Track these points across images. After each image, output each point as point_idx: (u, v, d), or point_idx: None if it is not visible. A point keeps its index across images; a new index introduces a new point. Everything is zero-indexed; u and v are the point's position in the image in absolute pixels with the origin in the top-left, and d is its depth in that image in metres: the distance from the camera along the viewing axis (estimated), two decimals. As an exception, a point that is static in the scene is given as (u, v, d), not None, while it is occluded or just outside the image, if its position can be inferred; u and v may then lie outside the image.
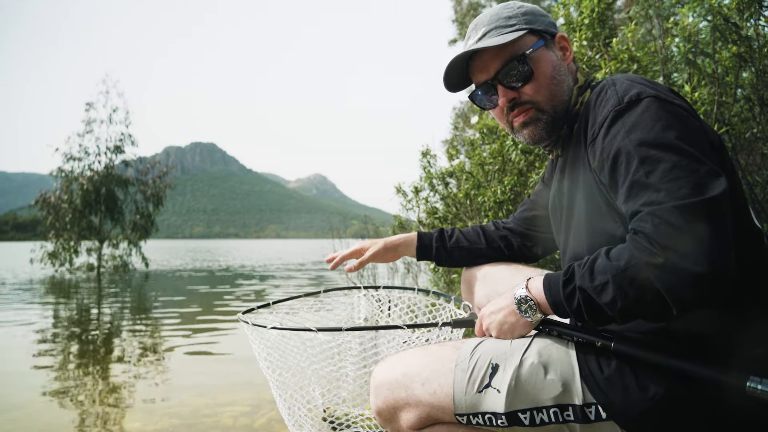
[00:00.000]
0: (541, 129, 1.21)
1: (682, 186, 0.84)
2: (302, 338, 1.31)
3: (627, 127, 0.94)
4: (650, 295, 0.84)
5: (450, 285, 4.21)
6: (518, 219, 1.59)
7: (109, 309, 7.81)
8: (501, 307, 1.11)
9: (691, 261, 0.79)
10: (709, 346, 0.94)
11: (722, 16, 2.11)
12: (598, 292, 0.89)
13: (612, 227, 1.02)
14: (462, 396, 1.06)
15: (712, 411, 0.93)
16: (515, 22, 1.19)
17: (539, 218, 1.52)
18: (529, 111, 1.20)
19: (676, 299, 0.82)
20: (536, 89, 1.18)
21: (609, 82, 1.06)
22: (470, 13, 15.81)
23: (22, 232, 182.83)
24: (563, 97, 1.19)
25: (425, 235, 1.65)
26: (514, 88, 1.19)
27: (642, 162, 0.90)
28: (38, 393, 3.34)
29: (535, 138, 1.23)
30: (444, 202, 4.29)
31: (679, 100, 1.00)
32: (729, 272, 0.81)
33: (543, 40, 1.20)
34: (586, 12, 2.59)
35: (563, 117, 1.20)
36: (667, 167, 0.87)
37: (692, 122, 0.96)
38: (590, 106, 1.06)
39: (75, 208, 17.61)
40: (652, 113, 0.94)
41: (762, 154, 2.25)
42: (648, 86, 0.99)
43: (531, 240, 1.57)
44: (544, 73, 1.18)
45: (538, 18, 1.22)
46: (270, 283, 11.56)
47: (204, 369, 3.97)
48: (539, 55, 1.18)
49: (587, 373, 0.99)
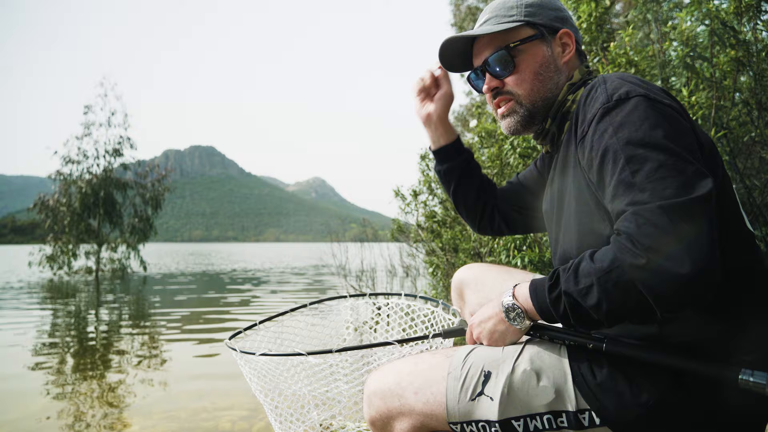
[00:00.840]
0: (516, 122, 1.22)
1: (667, 186, 0.84)
2: (293, 362, 1.29)
3: (615, 125, 0.94)
4: (634, 297, 0.83)
5: (448, 289, 4.20)
6: (507, 191, 1.57)
7: (106, 313, 7.79)
8: (490, 316, 1.10)
9: (675, 262, 0.78)
10: (701, 352, 0.93)
11: (720, 20, 2.10)
12: (583, 295, 0.89)
13: (601, 227, 1.01)
14: (455, 404, 1.05)
15: (705, 416, 0.92)
16: (515, 12, 1.20)
17: (525, 195, 1.51)
18: (509, 102, 1.22)
19: (659, 301, 0.81)
20: (518, 82, 1.19)
21: (600, 80, 1.05)
22: (469, 16, 15.84)
23: (21, 235, 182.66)
24: (546, 94, 1.19)
25: (461, 142, 1.56)
26: (499, 77, 1.21)
27: (628, 161, 0.89)
28: (36, 396, 3.32)
29: (511, 129, 1.24)
30: (442, 206, 4.28)
31: (669, 100, 0.99)
32: (714, 273, 0.80)
33: (539, 34, 1.19)
34: (584, 16, 2.59)
35: (542, 113, 1.21)
36: (653, 167, 0.86)
37: (681, 122, 0.95)
38: (581, 103, 1.06)
39: (73, 211, 17.60)
40: (641, 112, 0.93)
41: (760, 158, 2.25)
42: (638, 85, 0.98)
43: (513, 214, 1.56)
44: (529, 67, 1.18)
45: (543, 11, 1.21)
46: (268, 288, 11.54)
47: (202, 373, 3.96)
48: (528, 48, 1.18)
49: (580, 379, 0.98)
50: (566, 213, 1.13)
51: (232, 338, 1.44)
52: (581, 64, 1.24)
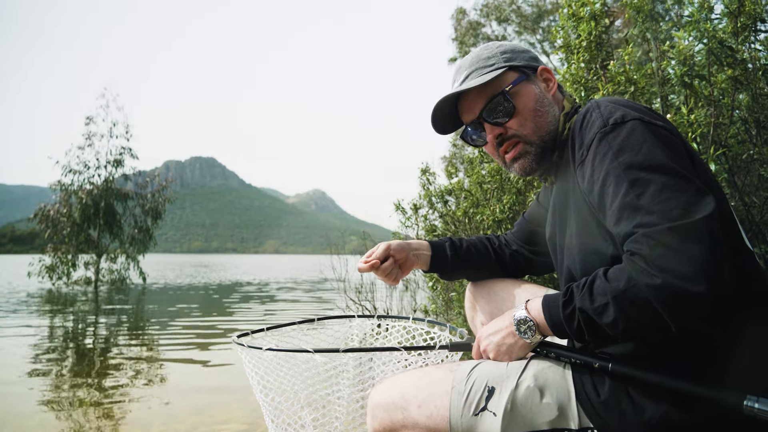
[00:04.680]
0: (531, 161, 1.23)
1: (673, 207, 0.87)
2: (298, 360, 1.30)
3: (614, 149, 0.96)
4: (650, 315, 0.85)
5: (448, 304, 4.20)
6: (516, 236, 1.59)
7: (105, 324, 7.76)
8: (499, 328, 1.12)
9: (689, 281, 0.81)
10: (704, 367, 0.94)
11: (717, 39, 2.14)
12: (599, 313, 0.90)
13: (603, 247, 1.04)
14: (458, 419, 1.05)
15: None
16: (494, 61, 1.24)
17: (536, 235, 1.52)
18: (517, 145, 1.23)
19: (675, 318, 0.84)
20: (521, 123, 1.21)
21: (593, 105, 1.08)
22: (469, 32, 16.00)
23: (20, 245, 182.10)
24: (549, 127, 1.22)
25: (437, 244, 1.56)
26: (500, 124, 1.22)
27: (632, 185, 0.92)
28: (33, 408, 3.30)
29: (527, 170, 1.25)
30: (443, 220, 4.30)
31: (661, 121, 1.02)
32: (725, 289, 0.82)
33: (524, 75, 1.23)
34: (583, 35, 2.63)
35: (552, 146, 1.23)
36: (657, 189, 0.89)
37: (675, 143, 0.99)
38: (576, 129, 1.08)
39: (74, 221, 17.58)
40: (638, 135, 0.96)
41: (759, 175, 2.26)
42: (631, 109, 1.02)
43: (530, 256, 1.56)
44: (526, 106, 1.21)
45: (517, 54, 1.26)
46: (268, 301, 11.51)
47: (201, 386, 3.94)
48: (520, 89, 1.22)
49: (583, 396, 0.99)
50: (569, 235, 1.15)
51: (240, 337, 1.45)
52: (564, 95, 1.28)
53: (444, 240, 1.57)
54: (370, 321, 1.66)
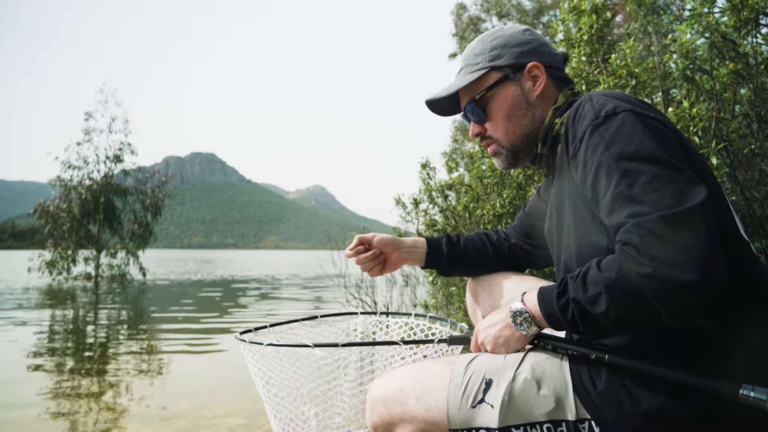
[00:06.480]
0: (503, 161, 1.30)
1: (664, 196, 0.87)
2: (299, 355, 1.30)
3: (606, 141, 0.97)
4: (642, 305, 0.85)
5: (449, 298, 4.20)
6: (516, 230, 1.59)
7: (105, 319, 7.77)
8: (496, 321, 1.13)
9: (681, 270, 0.81)
10: (700, 358, 0.94)
11: (720, 33, 2.12)
12: (591, 303, 0.91)
13: (598, 239, 1.04)
14: (456, 411, 1.05)
15: (705, 425, 0.93)
16: (480, 60, 1.25)
17: (536, 228, 1.52)
18: (492, 144, 1.30)
19: (667, 307, 0.84)
20: (493, 128, 1.27)
21: (585, 98, 1.08)
22: (470, 27, 15.95)
23: (20, 240, 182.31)
24: (523, 131, 1.25)
25: (433, 240, 1.56)
26: (478, 124, 1.30)
27: (623, 175, 0.92)
28: (33, 401, 3.30)
29: (502, 167, 1.32)
30: (443, 215, 4.29)
31: (653, 112, 1.02)
32: (718, 278, 0.82)
33: (505, 77, 1.23)
34: (585, 28, 2.61)
35: (525, 148, 1.27)
36: (648, 179, 0.89)
37: (668, 133, 0.99)
38: (569, 123, 1.09)
39: (73, 217, 17.61)
40: (629, 127, 0.96)
41: (760, 170, 2.26)
42: (623, 101, 1.02)
43: (530, 250, 1.56)
44: (499, 112, 1.25)
45: (507, 50, 1.24)
46: (267, 297, 11.52)
47: (201, 381, 3.94)
48: (497, 93, 1.24)
49: (581, 388, 0.99)
50: (565, 228, 1.16)
51: (242, 333, 1.46)
52: (565, 87, 1.26)
53: (441, 236, 1.58)
54: (372, 318, 1.67)
